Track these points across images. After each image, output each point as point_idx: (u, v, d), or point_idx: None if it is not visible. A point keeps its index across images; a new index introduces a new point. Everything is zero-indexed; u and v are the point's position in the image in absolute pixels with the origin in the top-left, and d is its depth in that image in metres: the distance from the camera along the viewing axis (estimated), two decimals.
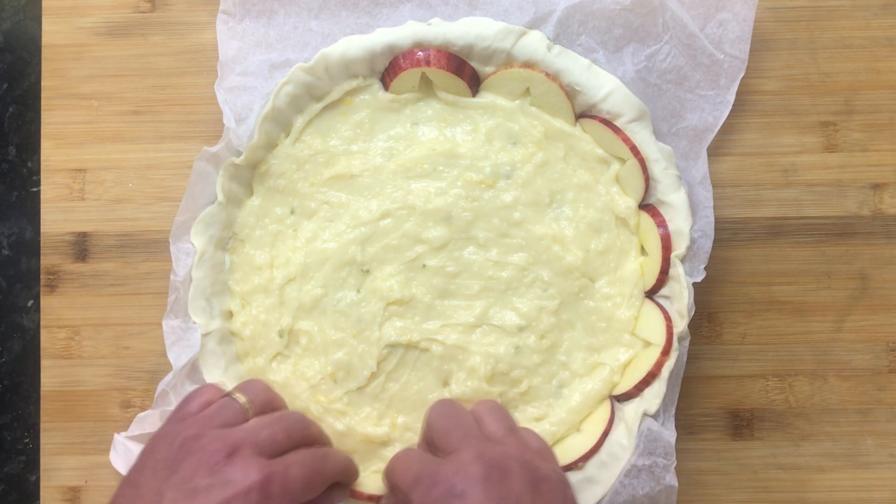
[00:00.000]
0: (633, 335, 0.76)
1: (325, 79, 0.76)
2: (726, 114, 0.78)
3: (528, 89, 0.76)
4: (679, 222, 0.74)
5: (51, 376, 0.81)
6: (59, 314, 0.82)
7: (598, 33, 0.77)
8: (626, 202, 0.76)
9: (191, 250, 0.76)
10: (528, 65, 0.75)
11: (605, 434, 0.75)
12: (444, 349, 0.76)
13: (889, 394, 0.81)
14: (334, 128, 0.78)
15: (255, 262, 0.78)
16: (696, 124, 0.78)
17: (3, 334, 0.83)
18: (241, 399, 0.66)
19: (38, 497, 0.81)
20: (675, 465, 0.74)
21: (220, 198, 0.76)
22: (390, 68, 0.76)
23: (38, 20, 0.83)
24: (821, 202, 0.81)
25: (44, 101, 0.83)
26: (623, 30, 0.77)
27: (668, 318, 0.74)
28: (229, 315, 0.79)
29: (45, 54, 0.83)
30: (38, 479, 0.81)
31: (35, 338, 0.82)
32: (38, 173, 0.83)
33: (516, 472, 0.57)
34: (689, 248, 0.74)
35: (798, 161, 0.81)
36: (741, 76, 0.78)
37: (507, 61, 0.75)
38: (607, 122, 0.75)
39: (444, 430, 0.63)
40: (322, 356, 0.77)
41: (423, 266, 0.77)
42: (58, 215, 0.82)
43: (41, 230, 0.82)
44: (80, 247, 0.82)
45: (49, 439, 0.81)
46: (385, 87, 0.77)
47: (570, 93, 0.76)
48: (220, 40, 0.78)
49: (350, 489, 0.73)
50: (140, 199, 0.82)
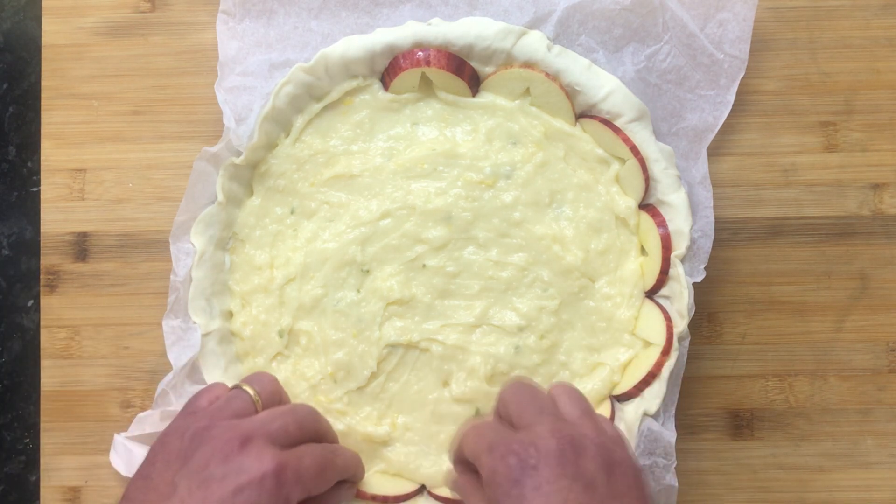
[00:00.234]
0: (633, 335, 0.76)
1: (325, 79, 0.76)
2: (726, 114, 0.78)
3: (528, 89, 0.76)
4: (679, 222, 0.74)
5: (51, 376, 0.81)
6: (59, 314, 0.82)
7: (598, 33, 0.77)
8: (626, 202, 0.76)
9: (191, 250, 0.76)
10: (528, 65, 0.75)
11: None
12: (444, 349, 0.76)
13: (889, 394, 0.81)
14: (334, 128, 0.78)
15: (255, 262, 0.78)
16: (696, 124, 0.78)
17: (3, 334, 0.83)
18: (250, 391, 0.66)
19: (38, 497, 0.81)
20: (675, 465, 0.74)
21: (220, 198, 0.76)
22: (390, 68, 0.76)
23: (38, 20, 0.83)
24: (821, 202, 0.81)
25: (44, 101, 0.82)
26: (623, 30, 0.77)
27: (668, 318, 0.74)
28: (229, 315, 0.79)
29: (45, 54, 0.83)
30: (38, 479, 0.81)
31: (35, 338, 0.82)
32: (38, 173, 0.83)
33: (591, 452, 0.56)
34: (689, 248, 0.74)
35: (798, 161, 0.81)
36: (741, 76, 0.78)
37: (507, 61, 0.75)
38: (607, 122, 0.75)
39: (519, 405, 0.61)
40: (322, 356, 0.77)
41: (423, 266, 0.77)
42: (58, 215, 0.82)
43: (41, 230, 0.82)
44: (80, 247, 0.82)
45: (49, 439, 0.81)
46: (385, 87, 0.77)
47: (570, 93, 0.76)
48: (220, 40, 0.78)
49: (356, 488, 0.73)
50: (140, 199, 0.82)
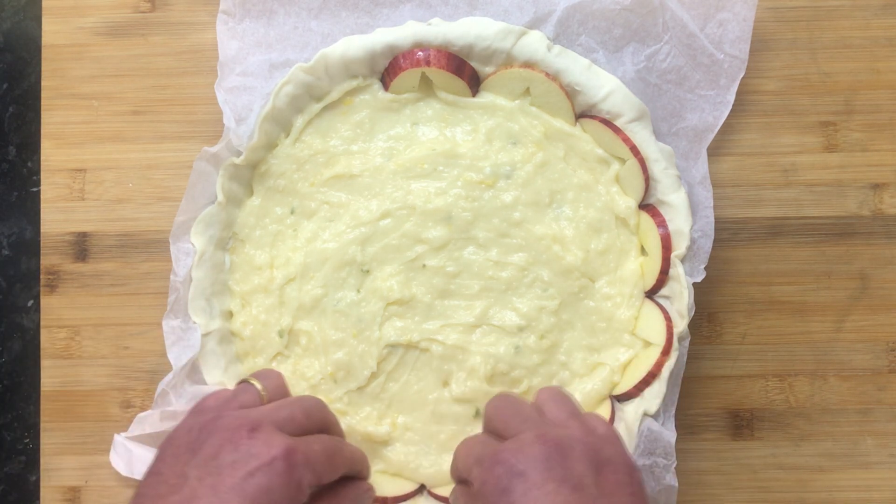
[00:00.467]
0: (633, 335, 0.76)
1: (325, 79, 0.76)
2: (726, 114, 0.78)
3: (528, 89, 0.76)
4: (679, 222, 0.74)
5: (51, 376, 0.81)
6: (59, 314, 0.82)
7: (598, 33, 0.77)
8: (626, 202, 0.76)
9: (191, 250, 0.76)
10: (528, 65, 0.75)
11: None
12: (444, 349, 0.76)
13: (889, 394, 0.81)
14: (334, 128, 0.78)
15: (255, 262, 0.78)
16: (696, 124, 0.78)
17: (3, 334, 0.83)
18: (257, 384, 0.66)
19: (38, 497, 0.81)
20: (675, 465, 0.74)
21: (220, 198, 0.76)
22: (390, 68, 0.76)
23: (38, 20, 0.83)
24: (821, 202, 0.81)
25: (44, 101, 0.82)
26: (623, 30, 0.77)
27: (668, 318, 0.74)
28: (229, 315, 0.79)
29: (45, 54, 0.83)
30: (38, 479, 0.81)
31: (35, 338, 0.82)
32: (38, 173, 0.83)
33: (578, 452, 0.56)
34: (689, 248, 0.74)
35: (798, 161, 0.81)
36: (741, 76, 0.78)
37: (507, 61, 0.75)
38: (607, 122, 0.75)
39: (503, 417, 0.62)
40: (322, 356, 0.77)
41: (423, 266, 0.77)
42: (58, 215, 0.82)
43: (41, 230, 0.82)
44: (80, 247, 0.82)
45: (49, 439, 0.81)
46: (385, 87, 0.77)
47: (570, 93, 0.76)
48: (220, 40, 0.78)
49: (374, 492, 0.72)
50: (140, 199, 0.82)
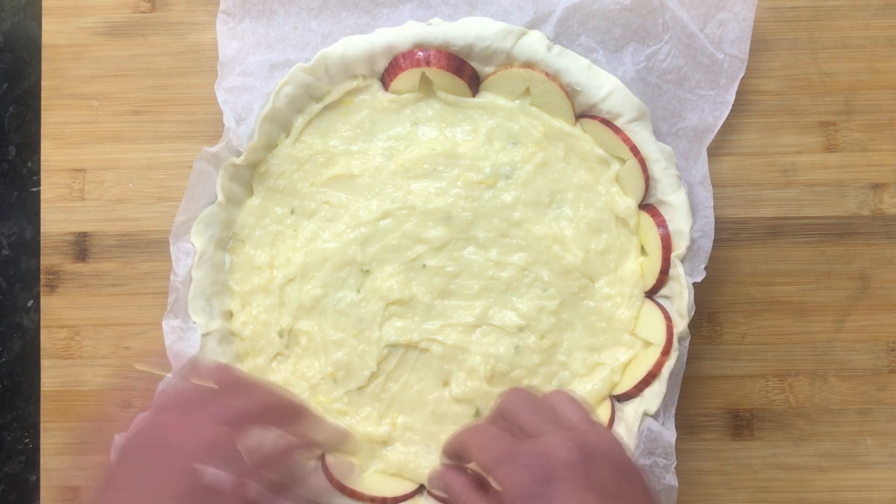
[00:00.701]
0: (633, 335, 0.76)
1: (325, 79, 0.76)
2: (726, 114, 0.78)
3: (528, 89, 0.76)
4: (679, 222, 0.74)
5: (51, 376, 0.81)
6: (59, 314, 0.82)
7: (598, 33, 0.77)
8: (626, 202, 0.76)
9: (191, 250, 0.76)
10: (528, 65, 0.75)
11: None
12: (444, 349, 0.76)
13: (889, 394, 0.81)
14: (334, 128, 0.78)
15: (255, 262, 0.78)
16: (696, 124, 0.78)
17: (3, 334, 0.83)
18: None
19: (38, 497, 0.81)
20: (675, 465, 0.74)
21: (220, 198, 0.76)
22: (390, 68, 0.76)
23: (38, 20, 0.83)
24: (821, 202, 0.81)
25: (44, 101, 0.82)
26: (623, 30, 0.77)
27: (668, 318, 0.74)
28: (229, 315, 0.79)
29: (45, 54, 0.83)
30: (38, 479, 0.81)
31: (35, 338, 0.82)
32: (38, 173, 0.83)
33: (601, 460, 0.56)
34: (689, 248, 0.74)
35: (798, 161, 0.81)
36: (741, 76, 0.78)
37: (507, 61, 0.75)
38: (607, 122, 0.75)
39: (523, 414, 0.60)
40: (322, 356, 0.77)
41: (423, 266, 0.77)
42: (58, 215, 0.82)
43: (41, 230, 0.82)
44: (80, 247, 0.82)
45: (49, 439, 0.81)
46: (385, 87, 0.77)
47: (570, 93, 0.76)
48: (220, 40, 0.78)
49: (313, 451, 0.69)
50: (140, 199, 0.82)
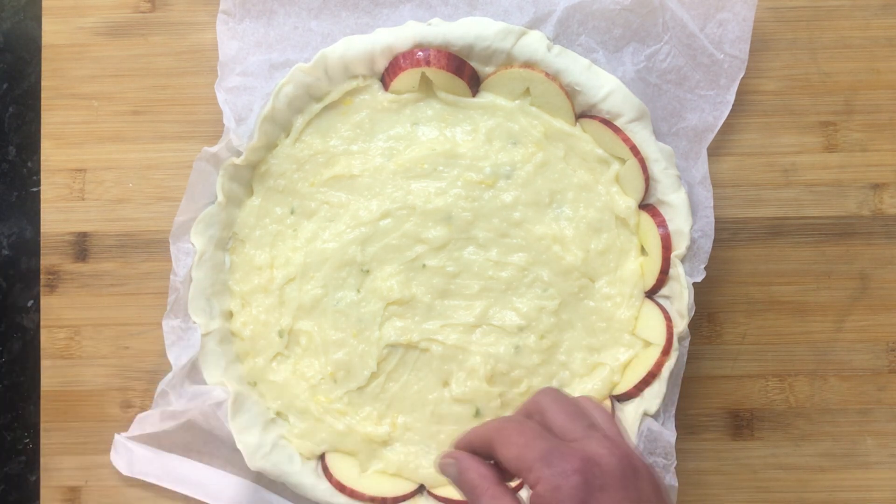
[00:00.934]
0: (633, 335, 0.76)
1: (325, 79, 0.76)
2: (726, 114, 0.78)
3: (528, 89, 0.76)
4: (679, 222, 0.74)
5: (51, 376, 0.81)
6: (59, 314, 0.82)
7: (598, 33, 0.77)
8: (626, 202, 0.76)
9: (191, 250, 0.76)
10: (528, 65, 0.75)
11: None
12: (444, 349, 0.76)
13: (889, 394, 0.81)
14: (334, 128, 0.78)
15: (255, 262, 0.78)
16: (696, 124, 0.78)
17: (3, 334, 0.83)
18: None
19: (38, 497, 0.81)
20: (675, 465, 0.74)
21: (220, 198, 0.76)
22: (390, 68, 0.76)
23: (38, 20, 0.83)
24: (821, 202, 0.81)
25: (44, 101, 0.82)
26: (623, 30, 0.77)
27: (668, 318, 0.74)
28: (229, 315, 0.79)
29: (45, 54, 0.83)
30: (38, 479, 0.81)
31: (35, 338, 0.82)
32: (38, 173, 0.83)
33: (643, 471, 0.55)
34: (689, 248, 0.74)
35: (798, 161, 0.81)
36: (741, 76, 0.78)
37: (507, 61, 0.75)
38: (607, 122, 0.75)
39: (559, 417, 0.59)
40: (322, 356, 0.77)
41: (423, 266, 0.77)
42: (58, 215, 0.82)
43: (41, 230, 0.82)
44: (80, 247, 0.82)
45: (49, 439, 0.81)
46: (385, 87, 0.77)
47: (570, 93, 0.76)
48: (220, 40, 0.78)
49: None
50: (140, 199, 0.82)
